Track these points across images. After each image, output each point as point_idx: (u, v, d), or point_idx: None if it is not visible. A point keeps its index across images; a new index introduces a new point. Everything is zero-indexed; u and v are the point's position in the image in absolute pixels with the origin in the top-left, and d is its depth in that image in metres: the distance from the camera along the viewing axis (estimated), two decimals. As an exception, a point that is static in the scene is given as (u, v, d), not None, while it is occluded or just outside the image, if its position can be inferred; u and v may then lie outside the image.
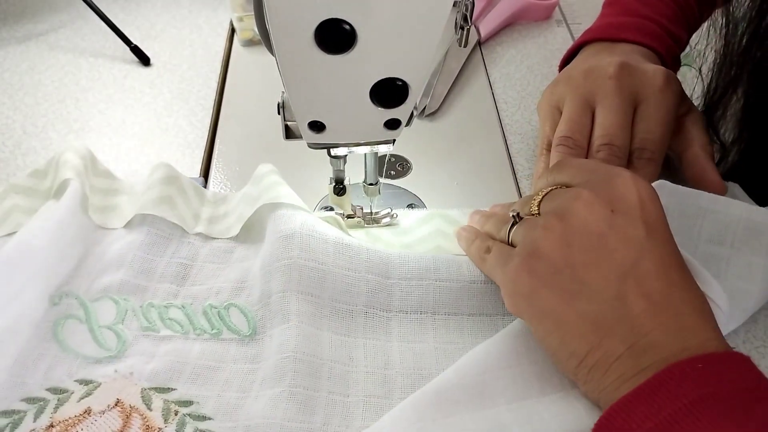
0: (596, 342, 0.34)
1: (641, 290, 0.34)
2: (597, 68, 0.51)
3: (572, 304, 0.36)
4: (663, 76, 0.49)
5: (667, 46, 0.56)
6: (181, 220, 0.47)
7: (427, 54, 0.34)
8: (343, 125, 0.39)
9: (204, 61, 0.68)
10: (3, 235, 0.47)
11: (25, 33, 0.70)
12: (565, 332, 0.36)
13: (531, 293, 0.37)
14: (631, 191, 0.37)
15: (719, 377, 0.31)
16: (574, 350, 0.35)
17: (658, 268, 0.35)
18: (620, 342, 0.34)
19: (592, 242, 0.36)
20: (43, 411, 0.38)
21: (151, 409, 0.39)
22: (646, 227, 0.36)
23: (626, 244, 0.35)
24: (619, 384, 0.33)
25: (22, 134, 0.59)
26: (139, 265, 0.45)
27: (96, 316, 0.43)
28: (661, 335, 0.33)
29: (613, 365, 0.34)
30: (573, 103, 0.51)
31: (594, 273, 0.36)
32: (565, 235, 0.37)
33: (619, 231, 0.36)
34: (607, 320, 0.34)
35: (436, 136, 0.59)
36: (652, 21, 0.57)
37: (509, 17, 0.72)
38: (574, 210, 0.37)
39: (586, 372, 0.35)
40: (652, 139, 0.48)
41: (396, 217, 0.50)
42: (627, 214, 0.36)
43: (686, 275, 0.36)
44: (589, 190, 0.38)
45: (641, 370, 0.33)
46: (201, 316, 0.44)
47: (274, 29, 0.32)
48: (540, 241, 0.38)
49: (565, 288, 0.36)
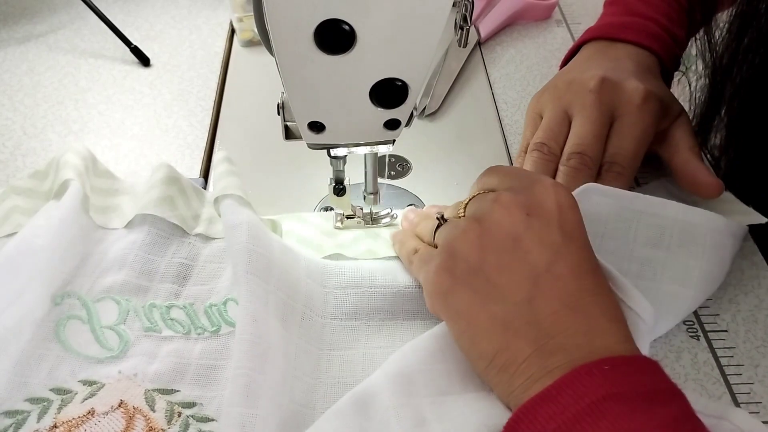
0: (504, 343, 0.35)
1: (552, 293, 0.35)
2: (579, 80, 0.52)
3: (484, 305, 0.36)
4: (641, 95, 0.50)
5: (666, 46, 0.56)
6: (181, 221, 0.47)
7: (426, 54, 0.34)
8: (342, 126, 0.39)
9: (204, 62, 0.68)
10: (3, 236, 0.47)
11: (25, 34, 0.70)
12: (475, 333, 0.36)
13: (447, 293, 0.38)
14: (549, 197, 0.37)
15: (624, 378, 0.31)
16: (482, 351, 0.36)
17: (571, 273, 0.35)
18: (528, 343, 0.34)
19: (506, 245, 0.36)
20: (46, 411, 0.38)
21: (155, 411, 0.39)
22: (561, 232, 0.36)
23: (540, 248, 0.36)
24: (528, 386, 0.33)
25: (21, 135, 0.59)
26: (141, 265, 0.45)
27: (98, 316, 0.43)
28: (569, 338, 0.33)
29: (521, 366, 0.34)
30: (552, 113, 0.52)
31: (506, 275, 0.36)
32: (480, 237, 0.37)
33: (534, 234, 0.36)
34: (516, 322, 0.35)
35: (435, 137, 0.59)
36: (653, 21, 0.57)
37: (509, 17, 0.72)
38: (491, 213, 0.38)
39: (495, 373, 0.35)
40: (624, 155, 0.49)
41: (396, 217, 0.50)
42: (543, 218, 0.36)
43: (599, 281, 0.36)
44: (508, 194, 0.38)
45: (548, 372, 0.33)
46: (202, 316, 0.44)
47: (274, 30, 0.32)
48: (457, 242, 0.38)
49: (478, 289, 0.36)
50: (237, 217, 0.43)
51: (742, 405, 0.40)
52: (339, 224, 0.49)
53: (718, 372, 0.41)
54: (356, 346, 0.43)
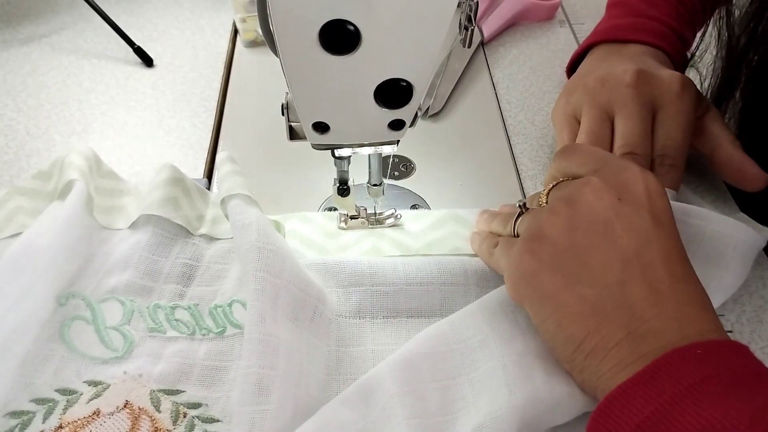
0: (594, 326, 0.34)
1: (643, 278, 0.34)
2: (613, 76, 0.51)
3: (573, 288, 0.36)
4: (679, 82, 0.49)
5: (674, 46, 0.56)
6: (185, 222, 0.47)
7: (431, 55, 0.34)
8: (347, 126, 0.39)
9: (207, 62, 0.68)
10: (7, 237, 0.47)
11: (28, 35, 0.70)
12: (563, 315, 0.36)
13: (532, 275, 0.37)
14: (639, 183, 0.37)
15: (719, 362, 0.31)
16: (571, 334, 0.35)
17: (662, 259, 0.35)
18: (619, 328, 0.34)
19: (597, 228, 0.36)
20: (52, 412, 0.38)
21: (160, 411, 0.39)
22: (652, 218, 0.36)
23: (631, 233, 0.35)
24: (618, 371, 0.33)
25: (25, 136, 0.59)
26: (145, 266, 0.45)
27: (103, 317, 0.43)
28: (660, 323, 0.33)
29: (612, 351, 0.34)
30: (591, 113, 0.50)
31: (597, 257, 0.36)
32: (570, 220, 0.37)
33: (626, 219, 0.36)
34: (607, 305, 0.34)
35: (439, 137, 0.59)
36: (659, 21, 0.56)
37: (512, 18, 0.72)
38: (581, 196, 0.37)
39: (583, 358, 0.35)
40: (673, 145, 0.48)
41: (400, 217, 0.50)
42: (634, 203, 0.36)
43: (689, 269, 0.36)
44: (598, 179, 0.38)
45: (639, 357, 0.33)
46: (207, 317, 0.44)
47: (278, 30, 0.32)
48: (544, 225, 0.38)
49: (566, 271, 0.36)
50: (246, 216, 0.43)
51: (748, 406, 0.40)
52: (343, 225, 0.49)
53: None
54: (364, 343, 0.43)
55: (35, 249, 0.43)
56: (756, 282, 0.47)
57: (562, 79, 0.66)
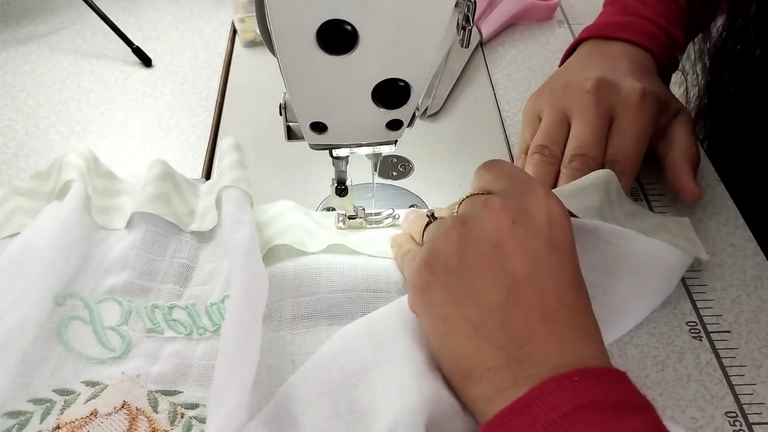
0: (473, 347, 0.34)
1: (527, 302, 0.34)
2: (575, 82, 0.52)
3: (459, 306, 0.35)
4: (638, 93, 0.50)
5: (662, 46, 0.57)
6: (176, 218, 0.47)
7: (429, 55, 0.34)
8: (345, 126, 0.39)
9: (206, 63, 0.68)
10: (5, 237, 0.47)
11: (27, 35, 0.70)
12: (445, 332, 0.36)
13: (425, 289, 0.37)
14: (540, 207, 0.36)
15: (594, 389, 0.31)
16: (450, 351, 0.36)
17: (550, 285, 0.35)
18: (497, 350, 0.34)
19: (487, 249, 0.36)
20: (49, 412, 0.38)
21: (158, 412, 0.39)
22: (547, 243, 0.36)
23: (522, 256, 0.35)
24: (494, 395, 0.33)
25: (24, 136, 0.59)
26: (142, 266, 0.45)
27: (100, 317, 0.43)
28: (538, 348, 0.33)
29: (487, 373, 0.33)
30: (551, 115, 0.52)
31: (483, 278, 0.35)
32: (462, 238, 0.37)
33: (518, 242, 0.36)
34: (488, 327, 0.34)
35: (437, 137, 0.59)
36: (649, 21, 0.57)
37: (511, 18, 0.72)
38: (478, 215, 0.37)
39: (460, 377, 0.35)
40: (624, 153, 0.49)
41: (398, 218, 0.50)
42: (529, 227, 0.36)
43: (579, 297, 0.35)
44: (499, 199, 0.37)
45: (514, 382, 0.32)
46: (204, 316, 0.44)
47: (276, 30, 0.32)
48: (439, 241, 0.38)
49: (455, 289, 0.36)
50: (243, 214, 0.43)
51: (745, 406, 0.40)
52: (341, 224, 0.49)
53: (721, 373, 0.41)
54: (283, 354, 0.42)
55: (33, 249, 0.43)
56: (754, 282, 0.47)
57: (560, 79, 0.66)
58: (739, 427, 0.39)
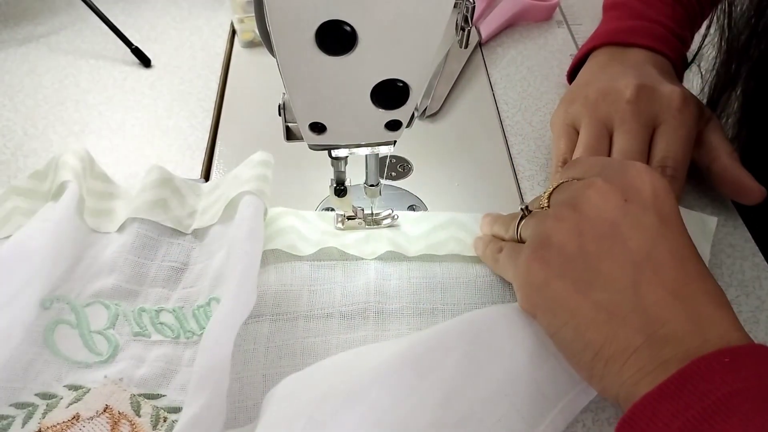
0: (612, 332, 0.34)
1: (657, 279, 0.34)
2: (614, 90, 0.50)
3: (586, 294, 0.35)
4: (680, 97, 0.49)
5: (675, 48, 0.56)
6: (175, 223, 0.47)
7: (427, 55, 0.34)
8: (344, 127, 0.39)
9: (204, 63, 0.68)
10: (3, 237, 0.47)
11: (26, 35, 0.70)
12: (579, 323, 0.35)
13: (543, 284, 0.36)
14: (644, 182, 0.36)
15: (747, 373, 0.30)
16: (589, 341, 0.34)
17: (673, 258, 0.34)
18: (637, 332, 0.33)
19: (605, 230, 0.35)
20: (31, 417, 0.38)
21: (140, 416, 0.38)
22: (659, 217, 0.35)
23: (640, 233, 0.35)
24: (639, 378, 0.32)
25: (22, 136, 0.59)
26: (131, 269, 0.45)
27: (87, 321, 0.42)
28: (679, 326, 0.32)
29: (631, 357, 0.33)
30: (591, 127, 0.50)
31: (608, 262, 0.35)
32: (577, 224, 0.36)
33: (633, 220, 0.35)
34: (622, 309, 0.34)
35: (436, 138, 0.59)
36: (659, 24, 0.56)
37: (510, 18, 0.72)
38: (586, 198, 0.37)
39: (602, 365, 0.34)
40: (673, 157, 0.47)
41: (397, 218, 0.50)
42: (640, 203, 0.36)
43: (702, 267, 0.35)
44: (602, 180, 0.37)
45: (661, 363, 0.32)
46: (191, 319, 0.43)
47: (275, 31, 0.32)
48: (551, 231, 0.37)
49: (578, 277, 0.35)
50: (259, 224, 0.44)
51: (744, 406, 0.40)
52: (340, 225, 0.49)
53: None
54: (256, 369, 0.42)
55: (25, 251, 0.42)
56: (753, 283, 0.47)
57: (559, 80, 0.66)
58: (738, 427, 0.39)
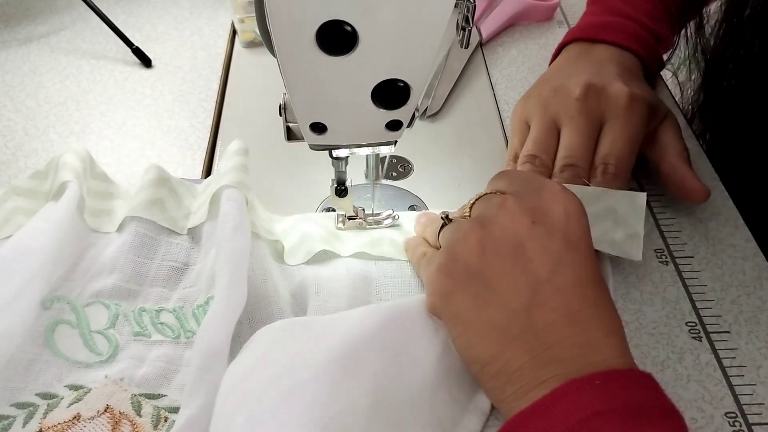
0: (499, 350, 0.35)
1: (551, 303, 0.34)
2: (564, 89, 0.52)
3: (482, 310, 0.36)
4: (627, 97, 0.50)
5: (648, 46, 0.56)
6: (171, 223, 0.47)
7: (428, 55, 0.34)
8: (344, 127, 0.39)
9: (205, 63, 0.68)
10: (4, 237, 0.47)
11: (27, 35, 0.70)
12: (471, 337, 0.36)
13: (446, 294, 0.38)
14: (557, 204, 0.37)
15: (616, 394, 0.30)
16: (477, 355, 0.36)
17: (573, 284, 0.35)
18: (523, 352, 0.34)
19: (508, 251, 0.36)
20: (32, 417, 0.38)
21: (141, 416, 0.38)
22: (566, 241, 0.36)
23: (543, 256, 0.35)
24: (520, 395, 0.33)
25: (23, 136, 0.59)
26: (131, 269, 0.45)
27: (87, 320, 0.42)
28: (565, 349, 0.33)
29: (514, 375, 0.34)
30: (540, 123, 0.51)
31: (506, 282, 0.36)
32: (482, 241, 0.37)
33: (538, 242, 0.36)
34: (513, 330, 0.34)
35: (437, 138, 0.59)
36: (633, 20, 0.57)
37: (511, 18, 0.72)
38: (496, 217, 0.37)
39: (487, 378, 0.35)
40: (617, 155, 0.48)
41: (398, 218, 0.50)
42: (548, 226, 0.36)
43: (600, 294, 0.36)
44: (515, 199, 0.38)
45: (542, 382, 0.32)
46: (191, 319, 0.43)
47: (276, 31, 0.32)
48: (458, 245, 0.38)
49: (477, 293, 0.36)
50: (243, 218, 0.43)
51: (745, 406, 0.40)
52: (341, 225, 0.49)
53: (721, 373, 0.41)
54: None
55: (25, 251, 0.42)
56: (753, 283, 0.47)
57: (560, 79, 0.66)
58: (738, 427, 0.39)
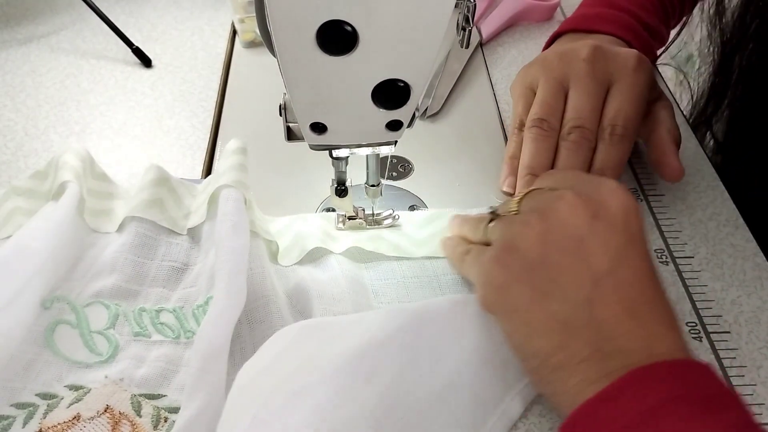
0: (562, 342, 0.35)
1: (613, 297, 0.34)
2: (571, 51, 0.52)
3: (542, 303, 0.36)
4: (635, 58, 0.50)
5: (640, 38, 0.57)
6: (171, 223, 0.47)
7: (429, 55, 0.34)
8: (344, 127, 0.39)
9: (205, 63, 0.68)
10: (4, 238, 0.47)
11: (27, 35, 0.70)
12: (532, 329, 0.36)
13: (502, 287, 0.37)
14: (615, 200, 0.37)
15: (682, 382, 0.31)
16: (538, 349, 0.35)
17: (633, 278, 0.35)
18: (586, 345, 0.34)
19: (570, 244, 0.36)
20: (32, 417, 0.38)
21: (141, 416, 0.38)
22: (626, 237, 0.36)
23: (604, 251, 0.35)
24: (583, 387, 0.33)
25: (23, 136, 0.59)
26: (131, 269, 0.45)
27: (87, 321, 0.42)
28: (627, 342, 0.33)
29: (578, 367, 0.34)
30: (547, 85, 0.51)
31: (567, 274, 0.35)
32: (543, 233, 0.37)
33: (599, 237, 0.36)
34: (575, 322, 0.34)
35: (437, 138, 0.59)
36: (627, 13, 0.57)
37: (511, 18, 0.72)
38: (556, 209, 0.37)
39: (548, 372, 0.35)
40: (624, 116, 0.48)
41: (398, 218, 0.50)
42: (608, 221, 0.36)
43: (658, 289, 0.36)
44: (573, 193, 0.37)
45: (605, 374, 0.33)
46: (191, 319, 0.43)
47: (276, 30, 0.32)
48: (517, 236, 0.38)
49: (536, 286, 0.36)
50: (241, 217, 0.43)
51: (745, 407, 0.40)
52: (341, 225, 0.49)
53: (721, 374, 0.41)
54: None
55: (26, 251, 0.42)
56: (754, 283, 0.47)
57: (560, 79, 0.66)
58: (739, 427, 0.39)
